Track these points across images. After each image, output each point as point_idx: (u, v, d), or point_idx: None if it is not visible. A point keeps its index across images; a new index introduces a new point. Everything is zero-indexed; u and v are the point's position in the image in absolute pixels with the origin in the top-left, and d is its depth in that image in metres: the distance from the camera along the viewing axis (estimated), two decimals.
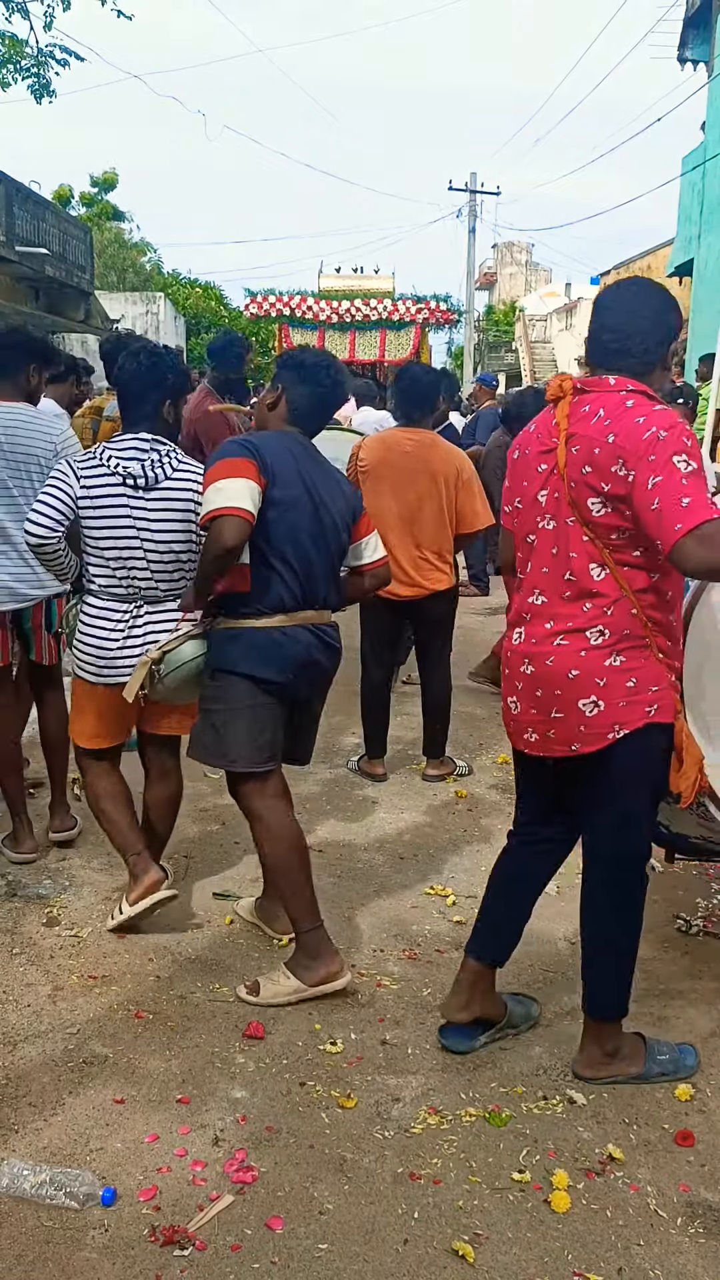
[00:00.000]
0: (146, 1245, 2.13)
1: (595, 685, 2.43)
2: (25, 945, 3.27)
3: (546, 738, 2.55)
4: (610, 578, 2.41)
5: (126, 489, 3.17)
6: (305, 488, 2.98)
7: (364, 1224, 2.21)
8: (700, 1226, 2.23)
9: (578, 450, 2.41)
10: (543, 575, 2.53)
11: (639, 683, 2.44)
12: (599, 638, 2.43)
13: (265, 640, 2.96)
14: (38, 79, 10.13)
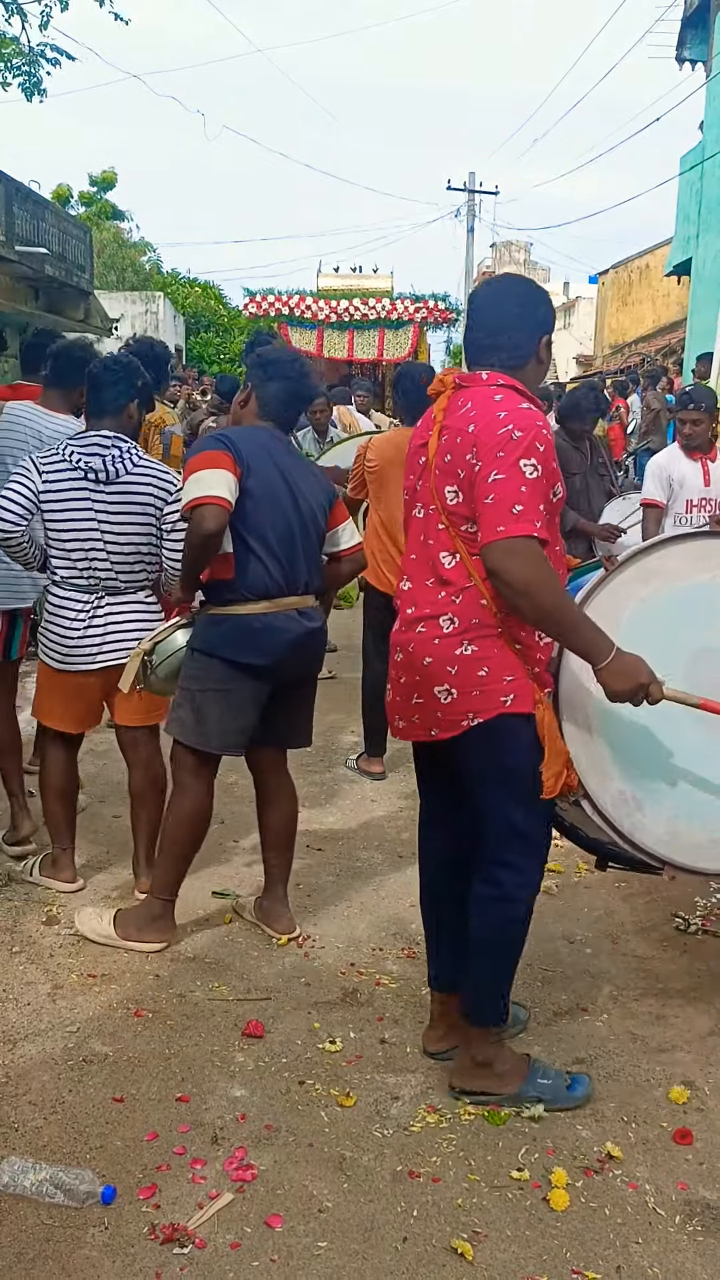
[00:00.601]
0: (146, 1243, 2.13)
1: (448, 673, 2.41)
2: (25, 944, 3.28)
3: (411, 723, 2.54)
4: (460, 565, 2.40)
5: (87, 483, 3.30)
6: (281, 477, 3.10)
7: (363, 1222, 2.21)
8: (698, 1224, 2.24)
9: (444, 440, 2.43)
10: (411, 562, 2.55)
11: (491, 671, 2.39)
12: (450, 625, 2.41)
13: (247, 626, 3.06)
14: (29, 77, 10.11)
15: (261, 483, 3.05)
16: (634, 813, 2.58)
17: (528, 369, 2.49)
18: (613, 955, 3.35)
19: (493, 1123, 2.51)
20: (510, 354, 2.47)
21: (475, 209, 29.82)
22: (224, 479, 2.96)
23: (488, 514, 2.27)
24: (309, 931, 3.41)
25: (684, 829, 2.60)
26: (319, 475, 3.33)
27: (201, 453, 3.04)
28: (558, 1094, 2.57)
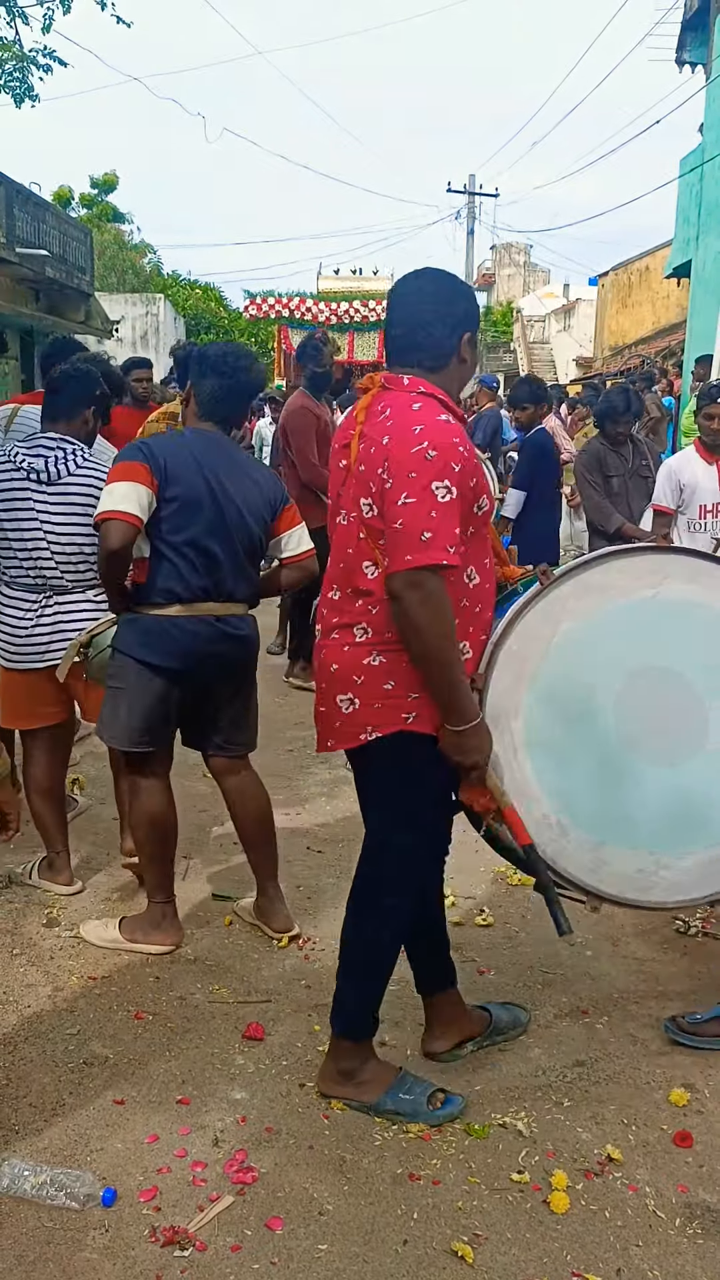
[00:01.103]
0: (147, 1246, 2.13)
1: (352, 682, 2.34)
2: (25, 946, 3.28)
3: (320, 730, 2.48)
4: (381, 577, 2.27)
5: (31, 483, 3.39)
6: (205, 484, 3.07)
7: (364, 1224, 2.22)
8: (698, 1227, 2.24)
9: (362, 448, 2.31)
10: (336, 570, 2.45)
11: (397, 685, 2.31)
12: (362, 635, 2.34)
13: (157, 628, 3.09)
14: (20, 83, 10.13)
15: (181, 492, 3.03)
16: (558, 838, 2.47)
17: (450, 370, 2.37)
18: (613, 957, 3.35)
19: (477, 1135, 2.49)
20: (430, 354, 2.35)
21: (475, 211, 29.88)
22: (134, 493, 2.97)
23: (395, 540, 2.17)
24: (309, 934, 3.42)
25: (611, 858, 2.49)
26: (264, 481, 3.23)
27: (118, 463, 3.06)
28: (417, 1110, 2.51)
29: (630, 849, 2.49)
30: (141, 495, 2.99)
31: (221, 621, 3.13)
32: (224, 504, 3.09)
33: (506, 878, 3.87)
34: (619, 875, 2.47)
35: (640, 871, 2.48)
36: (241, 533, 3.13)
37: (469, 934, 3.47)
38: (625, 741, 2.48)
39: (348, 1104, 2.57)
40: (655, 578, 2.54)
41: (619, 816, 2.49)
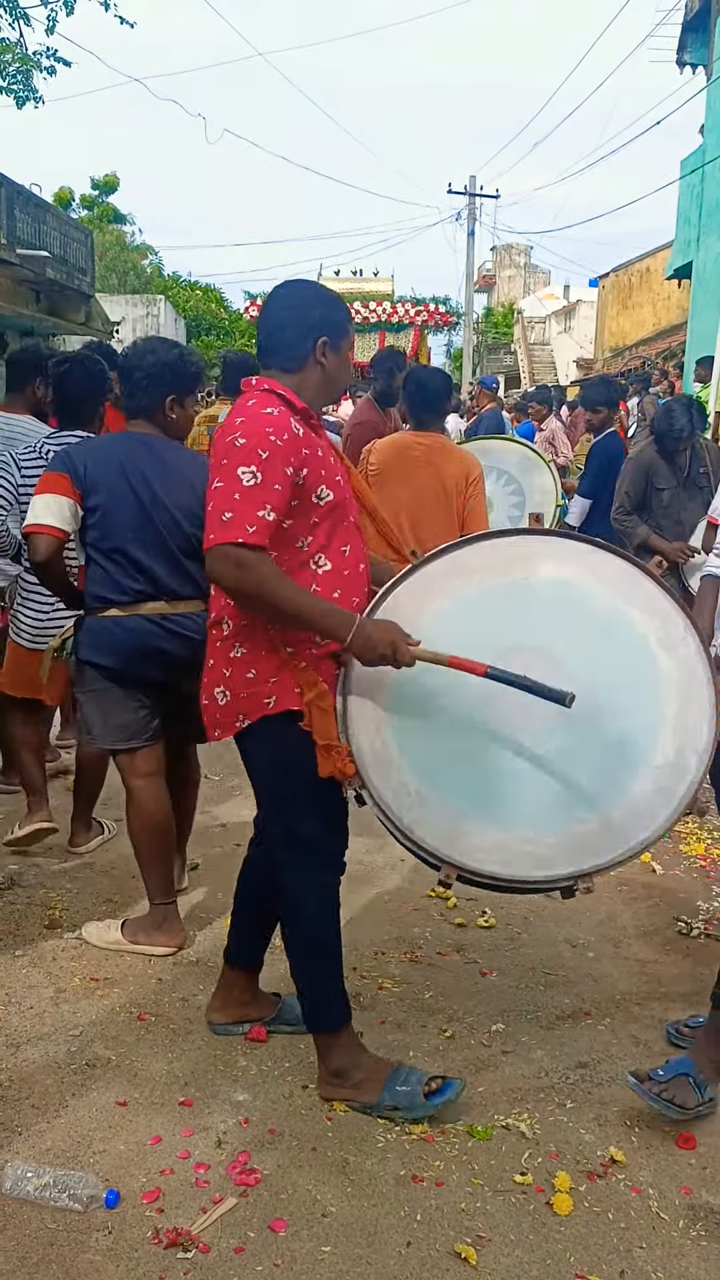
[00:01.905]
0: (150, 1247, 2.13)
1: (223, 675, 2.45)
2: (27, 947, 3.28)
3: (207, 721, 2.55)
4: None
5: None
6: (130, 489, 3.13)
7: (367, 1226, 2.22)
8: (702, 1229, 2.24)
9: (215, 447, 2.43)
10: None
11: (258, 674, 2.41)
12: (226, 628, 2.44)
13: (99, 629, 3.19)
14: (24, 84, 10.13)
15: (105, 498, 3.11)
16: (415, 807, 2.44)
17: (307, 372, 2.45)
18: (615, 959, 3.35)
19: (479, 1137, 2.49)
20: (285, 356, 2.45)
21: (476, 212, 29.88)
22: (55, 505, 3.10)
23: (206, 524, 2.27)
24: None
25: (471, 830, 2.43)
26: (198, 479, 3.04)
27: (45, 474, 3.19)
28: (414, 1102, 2.52)
29: (491, 824, 2.43)
30: (64, 506, 3.11)
31: (167, 620, 3.17)
32: (151, 508, 3.13)
33: None
34: (479, 848, 2.41)
35: (501, 846, 2.41)
36: (175, 533, 3.16)
37: (471, 935, 3.47)
38: (490, 719, 2.43)
39: (350, 1106, 2.57)
40: (529, 559, 2.57)
41: (481, 791, 2.46)
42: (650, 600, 2.51)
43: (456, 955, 3.35)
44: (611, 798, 2.41)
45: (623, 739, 2.44)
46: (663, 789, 2.39)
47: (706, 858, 4.08)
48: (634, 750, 2.43)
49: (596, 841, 2.39)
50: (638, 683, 2.46)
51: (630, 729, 2.44)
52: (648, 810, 2.38)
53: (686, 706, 2.42)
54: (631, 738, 2.44)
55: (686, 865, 4.03)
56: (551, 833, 2.41)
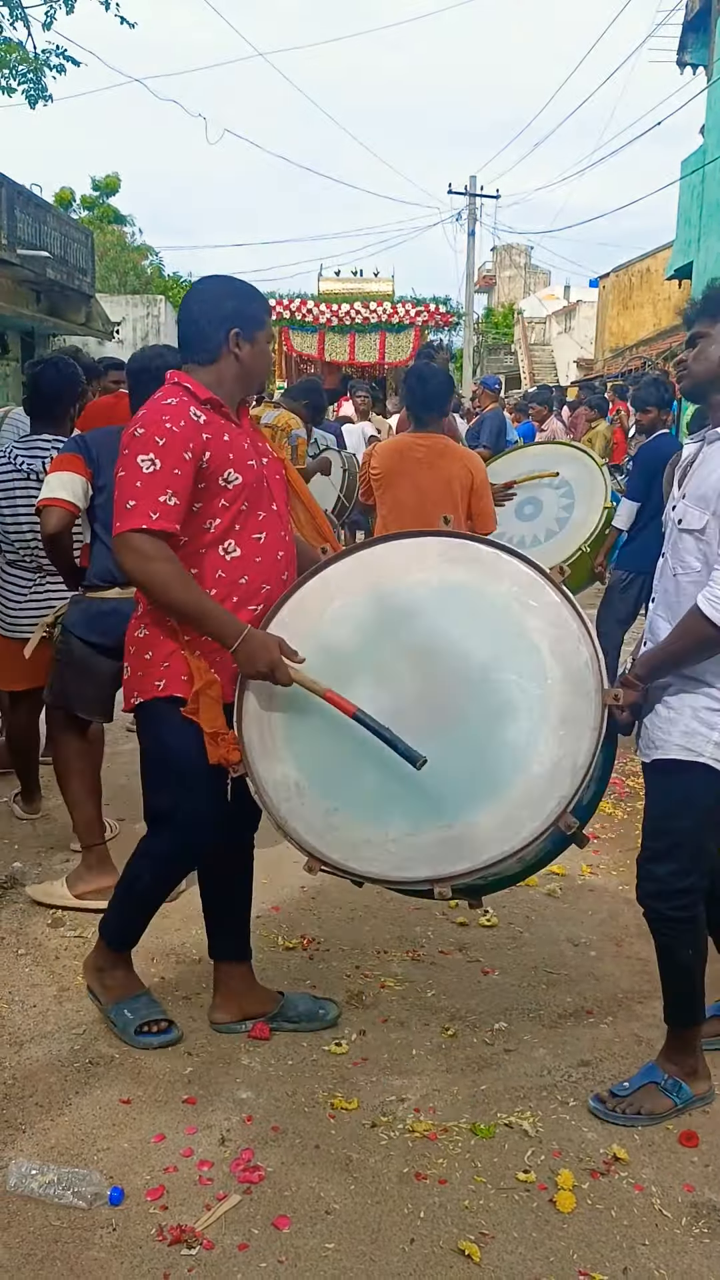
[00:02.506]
0: (154, 1244, 2.14)
1: (129, 652, 2.63)
2: (31, 946, 3.28)
3: (124, 692, 2.71)
4: None
5: (30, 482, 3.83)
6: None
7: (370, 1223, 2.22)
8: (705, 1226, 2.24)
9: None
10: None
11: (154, 655, 2.55)
12: (138, 609, 2.63)
13: (96, 610, 3.34)
14: (34, 84, 10.14)
15: (109, 480, 3.17)
16: (292, 798, 2.47)
17: (222, 364, 2.55)
18: (617, 958, 3.35)
19: (482, 1135, 2.50)
20: (199, 349, 2.55)
21: (476, 213, 29.83)
22: (69, 481, 3.31)
23: (114, 515, 2.42)
24: (313, 934, 3.42)
25: (342, 824, 2.44)
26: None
27: (58, 456, 3.43)
28: (125, 1030, 2.76)
29: (362, 819, 2.43)
30: (76, 483, 3.31)
31: None
32: None
33: None
34: (345, 842, 2.42)
35: (368, 842, 2.41)
36: None
37: (473, 934, 3.48)
38: (376, 715, 2.41)
39: (90, 994, 2.87)
40: (431, 560, 2.58)
41: (357, 787, 2.45)
42: (549, 608, 2.47)
43: (459, 954, 3.35)
44: (481, 805, 2.36)
45: (501, 747, 2.39)
46: (533, 801, 2.32)
47: None
48: (511, 759, 2.37)
49: (459, 848, 2.34)
50: (524, 690, 2.41)
51: (511, 737, 2.39)
52: (515, 821, 2.32)
53: (569, 718, 2.35)
54: (510, 746, 2.38)
55: None
56: (416, 835, 2.38)
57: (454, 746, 2.41)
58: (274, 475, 2.68)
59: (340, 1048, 2.80)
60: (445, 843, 2.36)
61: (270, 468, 2.67)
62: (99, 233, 28.94)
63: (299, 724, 2.50)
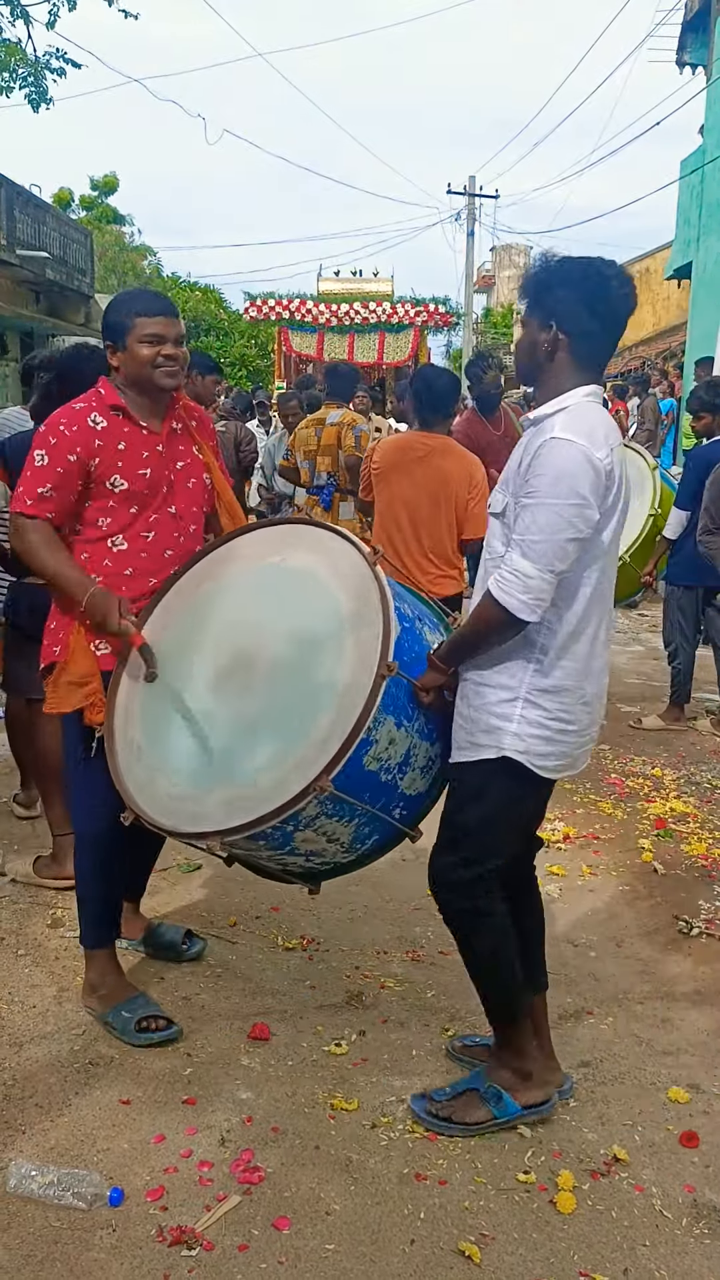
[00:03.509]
0: (154, 1245, 2.13)
1: (45, 625, 2.89)
2: (30, 947, 3.28)
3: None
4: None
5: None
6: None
7: (370, 1224, 2.22)
8: (705, 1227, 2.24)
9: None
10: None
11: (57, 626, 2.85)
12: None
13: (31, 597, 3.44)
14: (35, 87, 10.15)
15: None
16: (131, 757, 2.66)
17: (117, 374, 2.79)
18: (617, 958, 3.35)
19: (479, 1135, 2.49)
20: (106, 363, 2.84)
21: (476, 213, 29.85)
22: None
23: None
24: (313, 935, 3.42)
25: (157, 780, 2.61)
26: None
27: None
28: (125, 1030, 2.82)
29: (173, 779, 2.60)
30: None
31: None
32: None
33: None
34: (159, 798, 2.57)
35: (175, 798, 2.56)
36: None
37: None
38: (204, 686, 2.63)
39: (90, 1012, 2.91)
40: (283, 547, 2.72)
41: (175, 749, 2.62)
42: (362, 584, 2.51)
43: (459, 954, 3.34)
44: (266, 768, 2.45)
45: (294, 715, 2.49)
46: (304, 764, 2.36)
47: (707, 857, 4.08)
48: (299, 726, 2.45)
49: (242, 807, 2.42)
50: (322, 664, 2.50)
51: (303, 706, 2.47)
52: (285, 783, 2.37)
53: (351, 688, 2.39)
54: (300, 715, 2.47)
55: (687, 865, 4.04)
56: (211, 793, 2.51)
57: (258, 713, 2.55)
58: (185, 480, 2.87)
59: (340, 1048, 2.80)
60: (231, 801, 2.45)
61: (183, 472, 2.87)
62: (98, 233, 28.95)
63: (153, 694, 2.71)
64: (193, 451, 2.92)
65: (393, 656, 2.37)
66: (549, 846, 4.15)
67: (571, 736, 2.38)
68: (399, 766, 2.47)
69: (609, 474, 2.22)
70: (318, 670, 2.50)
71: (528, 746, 2.35)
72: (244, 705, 2.57)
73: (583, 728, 2.40)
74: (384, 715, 2.39)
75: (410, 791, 2.53)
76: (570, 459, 2.18)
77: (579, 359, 2.31)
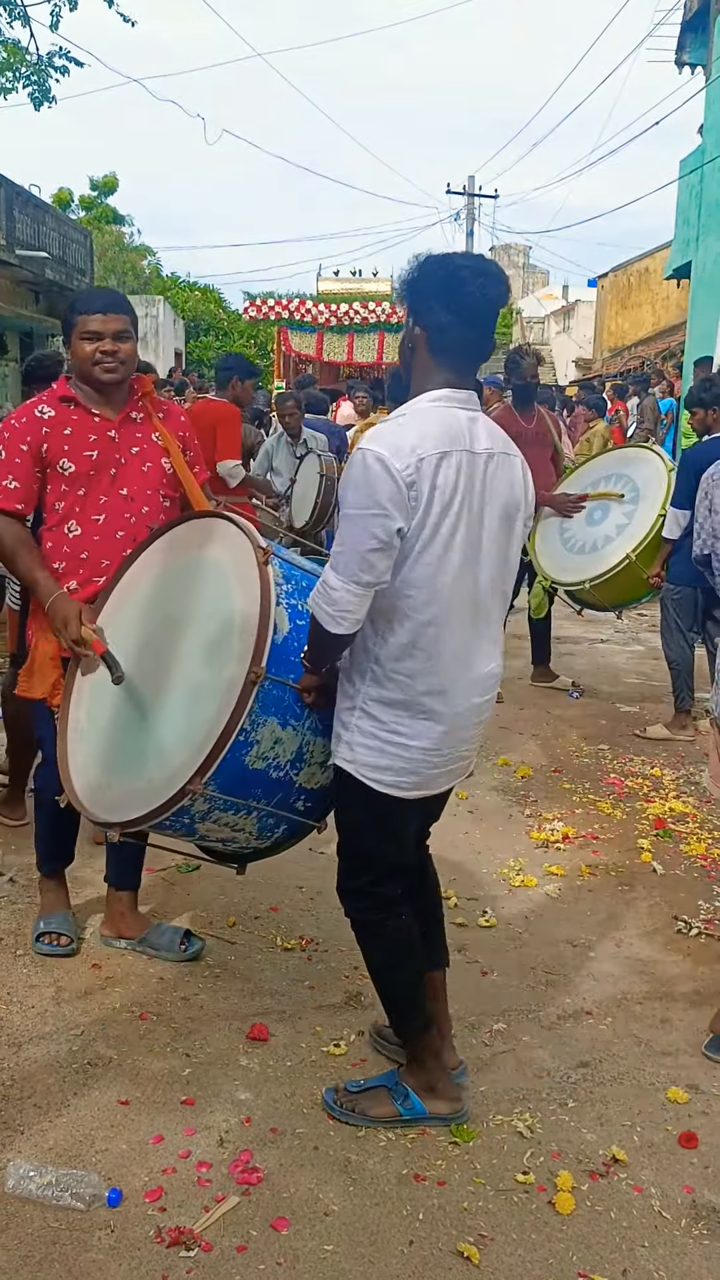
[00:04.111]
0: (152, 1246, 2.13)
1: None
2: (30, 947, 3.27)
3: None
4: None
5: None
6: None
7: (369, 1225, 2.22)
8: (704, 1228, 2.24)
9: None
10: None
11: (31, 612, 3.01)
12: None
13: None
14: (38, 86, 10.14)
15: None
16: (75, 738, 2.84)
17: (70, 353, 2.94)
18: (616, 958, 3.35)
19: (465, 1139, 2.48)
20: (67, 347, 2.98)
21: (475, 212, 29.87)
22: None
23: None
24: (312, 935, 3.42)
25: (89, 766, 2.77)
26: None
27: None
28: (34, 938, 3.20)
29: (95, 763, 2.75)
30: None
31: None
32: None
33: (509, 880, 3.88)
34: (86, 784, 2.73)
35: (96, 787, 2.70)
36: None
37: (472, 935, 3.48)
38: (132, 674, 2.72)
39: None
40: (205, 541, 2.78)
41: (104, 736, 2.77)
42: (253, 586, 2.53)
43: (458, 955, 3.34)
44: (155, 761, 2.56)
45: (181, 710, 2.57)
46: (186, 764, 2.42)
47: (707, 857, 4.08)
48: (185, 723, 2.53)
49: (142, 798, 2.51)
50: (213, 659, 2.54)
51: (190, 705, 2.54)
52: (176, 779, 2.43)
53: (232, 685, 2.42)
54: (188, 711, 2.54)
55: (687, 865, 4.04)
56: (116, 781, 2.67)
57: (159, 708, 2.67)
58: (140, 464, 2.97)
59: (339, 1049, 2.80)
60: (131, 793, 2.57)
61: (138, 457, 2.97)
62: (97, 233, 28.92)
63: (101, 683, 2.82)
64: (151, 437, 3.00)
65: (288, 656, 2.42)
66: (549, 846, 4.15)
67: (415, 754, 2.30)
68: (291, 764, 2.53)
69: (412, 484, 2.12)
70: (209, 670, 2.53)
71: (356, 757, 2.32)
72: (150, 699, 2.68)
73: (430, 745, 2.30)
74: (264, 717, 2.42)
75: (311, 785, 2.59)
76: (367, 469, 2.12)
77: (436, 355, 2.25)
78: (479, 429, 2.25)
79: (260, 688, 2.38)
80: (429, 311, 2.23)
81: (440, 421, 2.20)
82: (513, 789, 4.76)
